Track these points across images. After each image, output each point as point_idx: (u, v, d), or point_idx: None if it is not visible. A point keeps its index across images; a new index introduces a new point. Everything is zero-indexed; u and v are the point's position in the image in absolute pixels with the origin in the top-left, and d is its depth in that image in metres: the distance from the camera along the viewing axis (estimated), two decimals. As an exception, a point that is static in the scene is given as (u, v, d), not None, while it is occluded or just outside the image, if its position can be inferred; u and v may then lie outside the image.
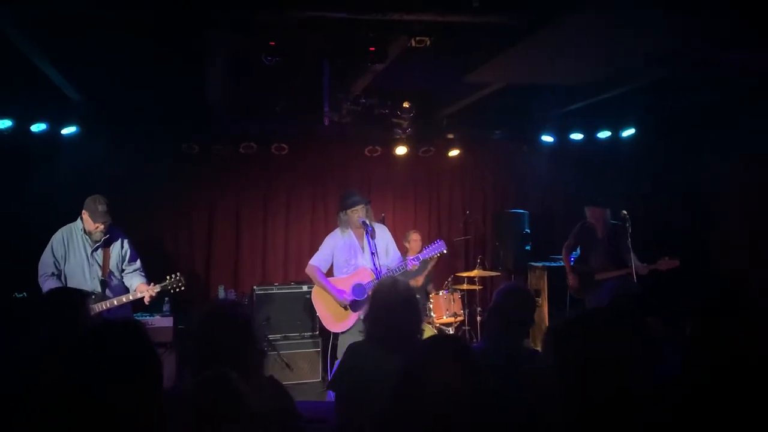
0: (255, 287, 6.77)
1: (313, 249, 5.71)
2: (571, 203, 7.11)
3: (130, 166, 6.47)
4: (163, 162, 6.71)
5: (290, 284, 6.90)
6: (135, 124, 6.25)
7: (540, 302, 7.13)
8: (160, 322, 5.89)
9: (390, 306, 2.86)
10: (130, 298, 4.62)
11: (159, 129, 6.38)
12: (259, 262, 7.28)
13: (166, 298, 5.98)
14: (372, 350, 2.83)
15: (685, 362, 2.08)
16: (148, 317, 5.86)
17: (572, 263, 6.18)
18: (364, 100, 5.66)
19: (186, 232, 7.04)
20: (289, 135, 6.95)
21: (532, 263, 7.41)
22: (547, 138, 7.57)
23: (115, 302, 4.56)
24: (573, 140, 7.64)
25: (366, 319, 2.98)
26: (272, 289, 6.76)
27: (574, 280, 6.10)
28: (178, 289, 4.70)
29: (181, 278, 4.69)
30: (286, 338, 6.58)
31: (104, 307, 4.52)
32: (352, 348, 2.94)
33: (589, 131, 7.58)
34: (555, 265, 7.04)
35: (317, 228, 7.33)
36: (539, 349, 3.11)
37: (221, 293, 6.66)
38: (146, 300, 4.60)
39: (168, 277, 4.69)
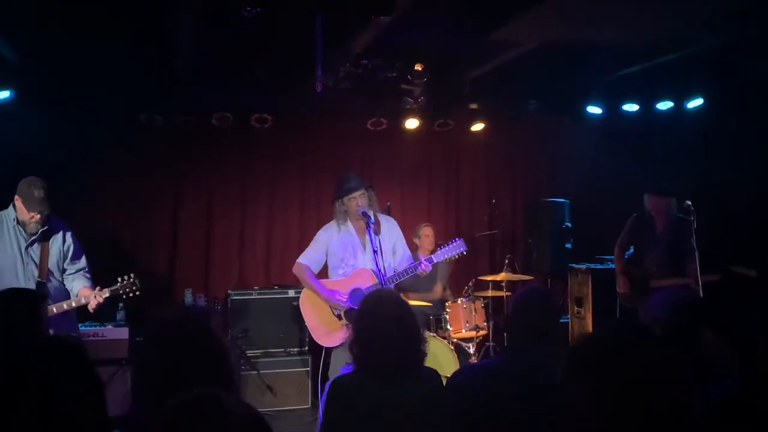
0: (230, 291, 6.79)
1: (302, 245, 5.70)
2: (623, 191, 7.08)
3: (77, 142, 6.47)
4: (117, 137, 6.71)
5: (273, 288, 6.92)
6: (83, 89, 6.23)
7: (583, 313, 7.11)
8: (113, 333, 5.92)
9: (380, 326, 2.83)
10: (72, 305, 4.59)
11: (113, 96, 6.36)
12: (236, 261, 7.30)
13: (120, 305, 6.01)
14: (363, 383, 2.81)
15: (744, 382, 2.09)
16: (98, 327, 5.89)
17: (624, 264, 6.16)
18: (365, 62, 5.65)
19: (145, 223, 7.06)
20: (273, 104, 6.93)
21: (574, 265, 7.39)
22: (593, 109, 7.54)
23: (55, 309, 4.53)
24: (626, 112, 7.62)
25: (352, 346, 2.93)
26: (251, 294, 6.77)
27: (625, 285, 6.09)
28: (131, 294, 4.66)
29: (136, 281, 4.65)
30: (267, 355, 6.59)
31: None
32: (338, 385, 2.89)
33: (647, 101, 7.55)
34: (602, 267, 7.03)
35: (307, 219, 7.33)
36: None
37: (188, 299, 6.67)
38: (91, 307, 4.57)
39: (119, 280, 4.65)
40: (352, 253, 5.15)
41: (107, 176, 6.82)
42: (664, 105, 7.52)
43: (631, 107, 7.60)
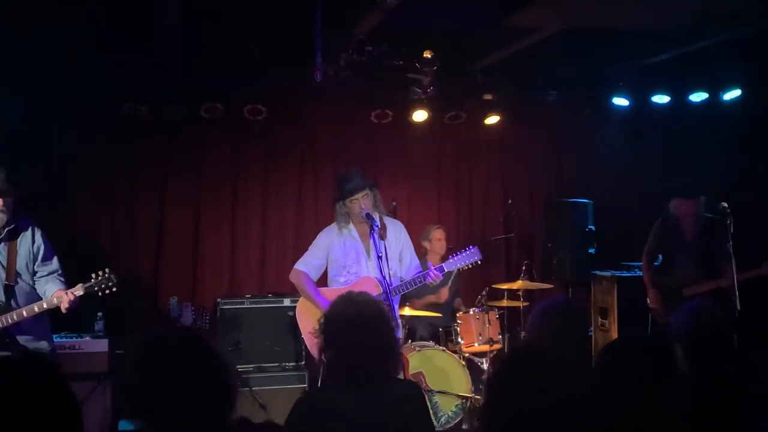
0: (219, 300, 6.82)
1: (299, 250, 5.73)
2: (652, 190, 7.11)
3: (52, 133, 6.45)
4: (97, 129, 6.73)
5: (267, 297, 6.95)
6: (60, 76, 6.26)
7: (607, 325, 7.14)
8: (91, 345, 5.96)
9: (350, 335, 2.86)
10: (44, 306, 4.55)
11: (93, 84, 6.40)
12: (226, 266, 7.32)
13: (99, 314, 6.04)
14: (335, 399, 2.83)
15: None
16: (75, 339, 5.93)
17: (653, 275, 6.19)
18: (370, 48, 5.66)
19: (126, 224, 7.08)
20: (267, 94, 6.97)
21: (598, 272, 7.42)
22: (620, 101, 7.55)
23: (24, 313, 4.53)
24: (656, 104, 7.62)
25: (325, 358, 2.95)
26: (243, 303, 6.80)
27: (656, 297, 6.12)
28: (108, 291, 4.59)
29: (112, 275, 4.57)
30: (260, 370, 6.62)
31: (9, 321, 4.50)
32: (306, 405, 2.91)
33: (679, 92, 7.55)
34: (629, 275, 7.05)
35: (305, 222, 7.37)
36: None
37: (173, 308, 6.68)
38: (64, 307, 4.50)
39: (94, 276, 4.58)
40: (355, 260, 5.18)
41: (85, 171, 6.85)
42: (698, 96, 7.51)
43: (662, 99, 7.58)
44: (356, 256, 5.17)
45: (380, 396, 2.84)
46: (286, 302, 6.71)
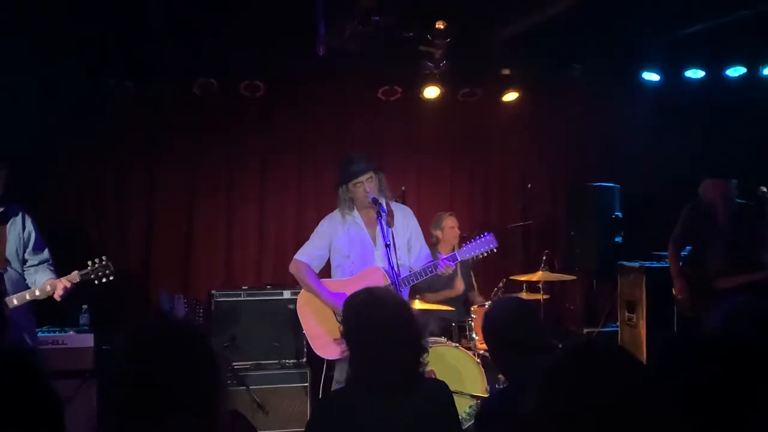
0: (214, 292, 6.81)
1: (300, 238, 5.73)
2: (685, 174, 7.06)
3: (30, 111, 6.42)
4: (79, 107, 6.73)
5: (265, 289, 6.95)
6: (37, 48, 6.22)
7: (635, 320, 7.11)
8: (76, 340, 5.95)
9: (374, 334, 2.89)
10: (36, 294, 4.68)
11: (73, 56, 6.39)
12: (221, 257, 7.33)
13: (84, 307, 6.04)
14: (357, 401, 2.86)
15: None
16: (58, 334, 5.92)
17: (681, 264, 6.16)
18: (377, 19, 5.64)
19: (114, 210, 7.08)
20: (266, 69, 6.94)
21: (625, 263, 7.39)
22: (650, 76, 7.52)
23: (15, 301, 4.65)
24: (689, 80, 7.60)
25: (351, 364, 2.99)
26: (239, 296, 6.80)
27: (683, 288, 6.10)
28: (105, 279, 4.79)
29: (109, 263, 4.78)
30: (259, 368, 6.62)
31: None
32: (332, 402, 2.98)
33: (714, 67, 7.53)
34: (659, 265, 7.02)
35: (305, 207, 7.37)
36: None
37: (164, 300, 6.70)
38: (58, 294, 4.66)
39: (90, 263, 4.77)
40: (360, 249, 5.15)
41: (67, 153, 6.84)
42: (735, 71, 7.51)
43: (696, 74, 7.57)
44: (361, 244, 5.15)
45: (409, 398, 2.88)
46: (286, 295, 6.71)
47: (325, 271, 5.36)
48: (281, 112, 7.38)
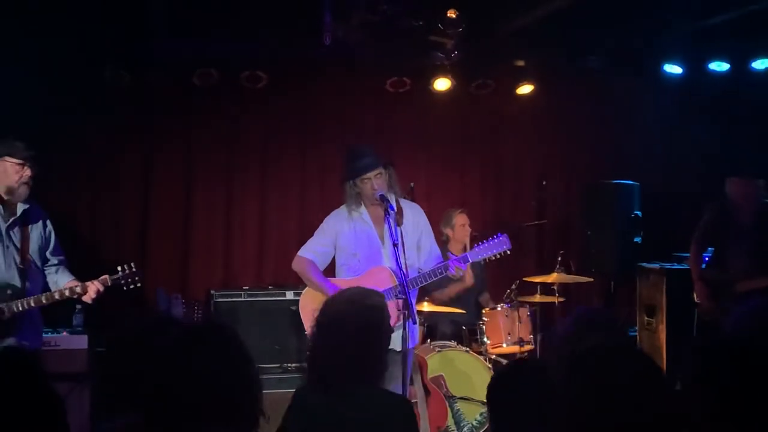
0: (213, 292, 6.84)
1: (303, 235, 5.71)
2: (708, 171, 7.05)
3: (23, 102, 6.44)
4: (75, 98, 6.72)
5: (267, 288, 6.98)
6: (33, 39, 6.25)
7: (654, 325, 7.10)
8: (70, 342, 5.98)
9: (344, 335, 3.02)
10: (66, 294, 4.83)
11: (70, 47, 6.39)
12: (220, 254, 7.35)
13: (78, 307, 6.05)
14: (316, 398, 2.99)
15: None
16: (51, 335, 5.93)
17: (702, 267, 6.15)
18: (386, 7, 5.64)
19: (109, 205, 7.11)
20: (269, 59, 6.95)
21: (644, 264, 7.38)
22: (672, 68, 7.51)
23: (44, 300, 4.79)
24: (713, 72, 7.58)
25: (310, 355, 3.16)
26: (240, 296, 6.82)
27: (704, 292, 6.09)
28: (132, 287, 4.99)
29: (138, 271, 4.99)
30: (260, 371, 6.60)
31: (25, 307, 4.74)
32: (299, 395, 3.13)
33: (739, 59, 7.50)
34: (680, 267, 7.01)
35: (309, 203, 7.37)
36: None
37: (161, 300, 6.71)
38: (90, 297, 4.82)
39: (120, 269, 4.93)
40: (367, 247, 5.13)
41: (61, 146, 6.80)
42: (762, 64, 7.47)
43: (720, 66, 7.55)
44: (368, 243, 5.13)
45: (371, 404, 2.99)
46: (289, 295, 6.72)
47: (328, 272, 5.36)
48: (284, 105, 7.38)
